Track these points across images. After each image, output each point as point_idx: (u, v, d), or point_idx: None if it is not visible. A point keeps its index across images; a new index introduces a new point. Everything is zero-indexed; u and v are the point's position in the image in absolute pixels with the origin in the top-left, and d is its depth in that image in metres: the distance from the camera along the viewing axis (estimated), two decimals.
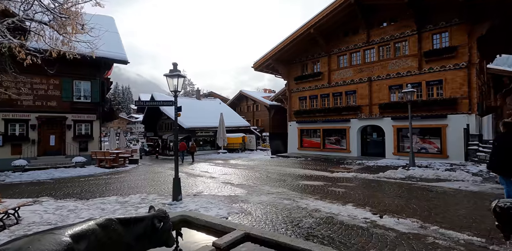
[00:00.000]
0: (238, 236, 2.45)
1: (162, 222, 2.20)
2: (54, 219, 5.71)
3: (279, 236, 2.48)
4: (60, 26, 5.63)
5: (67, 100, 16.50)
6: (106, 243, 1.68)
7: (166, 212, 2.32)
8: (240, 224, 2.90)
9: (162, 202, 6.94)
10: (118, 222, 1.91)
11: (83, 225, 1.70)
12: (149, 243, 2.11)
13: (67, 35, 5.88)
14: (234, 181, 10.18)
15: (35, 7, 6.32)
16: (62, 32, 5.57)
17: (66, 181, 11.52)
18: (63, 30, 5.76)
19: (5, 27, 5.05)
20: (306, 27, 17.85)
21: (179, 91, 6.89)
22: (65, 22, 5.49)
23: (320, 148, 19.94)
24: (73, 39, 6.01)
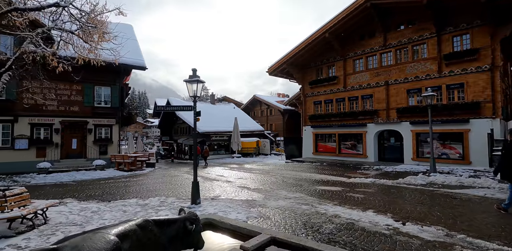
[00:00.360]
0: (264, 240, 2.47)
1: (193, 224, 2.25)
2: (79, 220, 5.91)
3: (306, 240, 2.48)
4: (87, 35, 5.90)
5: (88, 105, 17.12)
6: (146, 244, 1.75)
7: (197, 215, 2.38)
8: (265, 228, 2.91)
9: (181, 205, 7.03)
10: (153, 223, 1.98)
11: (125, 226, 1.77)
12: (181, 245, 2.16)
13: (93, 43, 6.15)
14: (251, 186, 10.19)
15: (63, 17, 6.68)
16: (89, 41, 5.84)
17: (87, 184, 11.88)
18: (90, 38, 6.03)
19: (39, 37, 5.37)
20: (321, 32, 17.84)
21: (198, 96, 7.03)
22: (92, 31, 5.75)
23: (336, 153, 19.67)
24: (98, 47, 6.28)
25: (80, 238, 1.42)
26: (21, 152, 15.30)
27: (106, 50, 6.75)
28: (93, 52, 6.14)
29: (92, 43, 6.04)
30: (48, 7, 5.57)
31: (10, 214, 5.04)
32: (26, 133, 15.51)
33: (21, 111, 15.39)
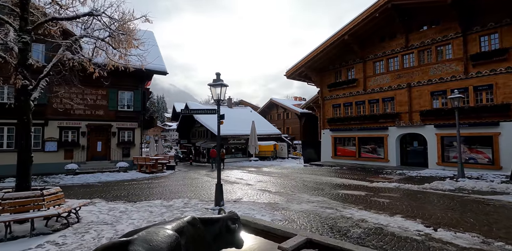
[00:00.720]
0: (301, 241, 2.47)
1: (235, 224, 2.30)
2: (109, 219, 6.11)
3: (343, 242, 2.46)
4: (118, 42, 6.16)
5: (112, 109, 17.76)
6: (196, 240, 1.81)
7: (238, 215, 2.42)
8: (300, 230, 2.92)
9: (205, 207, 7.13)
10: (199, 221, 2.04)
11: (179, 222, 1.84)
12: (223, 243, 2.21)
13: (123, 50, 6.40)
14: (271, 189, 10.17)
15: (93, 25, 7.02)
16: (120, 47, 6.10)
17: (112, 185, 12.27)
18: (120, 45, 6.29)
19: (77, 44, 5.68)
20: (340, 34, 17.69)
21: (222, 100, 7.15)
22: (122, 38, 6.01)
23: (356, 157, 19.28)
24: (127, 53, 6.53)
25: (145, 233, 1.49)
26: (51, 154, 16.05)
27: (133, 56, 7.02)
28: (123, 58, 6.39)
29: (122, 50, 6.29)
30: (83, 16, 5.89)
31: (47, 212, 5.29)
32: (55, 136, 16.28)
33: (51, 115, 16.20)
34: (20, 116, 5.76)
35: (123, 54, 6.30)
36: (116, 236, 4.94)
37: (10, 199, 5.09)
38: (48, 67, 5.94)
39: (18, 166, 5.75)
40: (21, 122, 5.77)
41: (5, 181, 13.10)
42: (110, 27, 6.32)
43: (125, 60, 6.52)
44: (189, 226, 1.86)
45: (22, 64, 5.69)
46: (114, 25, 6.41)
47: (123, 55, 6.32)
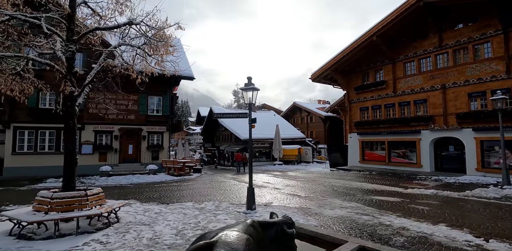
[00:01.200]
0: (354, 248, 2.38)
1: (291, 228, 2.27)
2: (146, 220, 6.29)
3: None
4: (155, 49, 6.40)
5: (143, 114, 18.48)
6: (259, 243, 1.80)
7: (292, 219, 2.39)
8: (351, 237, 2.83)
9: (237, 211, 7.14)
10: (258, 224, 2.04)
11: (244, 225, 1.85)
12: (279, 248, 2.18)
13: (159, 57, 6.62)
14: (300, 193, 10.01)
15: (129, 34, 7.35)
16: (157, 54, 6.32)
17: (143, 186, 12.68)
18: (157, 52, 6.53)
19: (121, 53, 6.00)
20: (368, 35, 17.25)
21: (253, 103, 7.19)
22: (159, 45, 6.23)
23: (385, 162, 18.54)
24: (164, 59, 6.75)
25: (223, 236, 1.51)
26: (87, 156, 16.95)
27: (167, 62, 7.26)
28: (159, 64, 6.62)
29: (159, 56, 6.52)
30: (123, 25, 6.20)
31: (91, 211, 5.55)
32: (91, 139, 17.19)
33: (87, 119, 17.16)
34: (67, 120, 6.13)
35: (160, 61, 6.52)
36: (155, 236, 5.07)
37: (58, 198, 5.40)
38: (92, 74, 6.29)
39: (65, 168, 6.10)
40: (67, 126, 6.14)
41: (47, 181, 13.94)
42: (147, 34, 6.56)
43: (161, 66, 6.75)
44: (253, 229, 1.85)
45: (69, 72, 6.08)
46: (150, 33, 6.67)
47: (159, 61, 6.55)
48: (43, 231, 5.42)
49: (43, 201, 5.48)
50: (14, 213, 5.38)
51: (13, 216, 5.22)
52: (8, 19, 5.94)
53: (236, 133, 29.22)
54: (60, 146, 16.51)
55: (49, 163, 16.03)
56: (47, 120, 16.11)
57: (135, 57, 6.15)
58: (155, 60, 6.87)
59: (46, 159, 16.06)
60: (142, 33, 6.62)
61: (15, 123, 15.49)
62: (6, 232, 5.38)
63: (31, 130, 15.89)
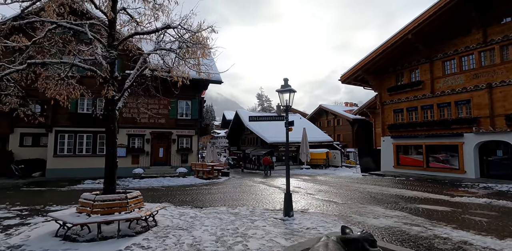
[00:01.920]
0: None
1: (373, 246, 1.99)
2: (183, 225, 6.21)
3: None
4: (191, 53, 6.34)
5: (172, 118, 18.86)
6: None
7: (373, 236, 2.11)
8: None
9: (273, 217, 6.88)
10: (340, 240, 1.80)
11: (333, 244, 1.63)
12: None
13: (196, 60, 6.55)
14: (336, 200, 9.54)
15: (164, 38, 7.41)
16: (194, 57, 6.27)
17: (174, 189, 12.80)
18: (194, 55, 6.48)
19: (163, 56, 6.05)
20: (402, 33, 16.39)
21: (290, 106, 6.94)
22: (195, 48, 6.18)
23: (423, 167, 17.39)
24: (199, 62, 6.68)
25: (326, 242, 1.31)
26: (120, 159, 17.23)
27: (202, 65, 7.22)
28: (196, 67, 6.58)
29: (195, 60, 6.45)
30: (161, 29, 6.25)
31: (132, 215, 5.56)
32: (124, 143, 17.79)
33: (121, 123, 17.73)
34: (108, 124, 6.24)
35: (197, 64, 6.47)
36: (196, 243, 4.94)
37: (100, 201, 5.47)
38: (131, 78, 6.38)
39: (106, 171, 6.19)
40: (108, 129, 6.25)
41: (85, 182, 14.54)
42: (183, 37, 6.51)
43: (197, 69, 6.71)
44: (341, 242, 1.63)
45: (111, 76, 6.20)
46: (187, 35, 6.62)
47: (196, 64, 6.51)
48: (86, 233, 5.50)
49: (86, 203, 5.57)
50: (60, 215, 5.51)
51: (59, 218, 5.34)
52: (55, 27, 6.19)
53: (263, 137, 29.04)
54: (97, 149, 17.25)
55: (86, 165, 16.78)
56: (85, 124, 16.91)
57: (174, 60, 6.14)
58: (191, 64, 6.83)
59: (83, 161, 16.83)
60: (179, 36, 6.61)
61: (57, 127, 16.41)
62: (52, 233, 5.52)
63: (71, 133, 16.76)
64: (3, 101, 6.76)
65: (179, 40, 6.62)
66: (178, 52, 6.48)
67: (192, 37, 6.54)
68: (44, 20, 5.71)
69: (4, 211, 7.80)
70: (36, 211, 7.92)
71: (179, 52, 6.62)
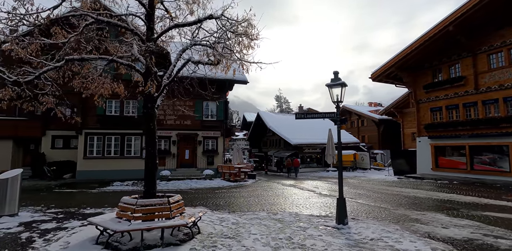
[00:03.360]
0: None
1: None
2: (227, 232, 5.67)
3: None
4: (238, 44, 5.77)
5: (198, 119, 18.57)
6: None
7: None
8: None
9: (324, 224, 6.20)
10: None
11: None
12: None
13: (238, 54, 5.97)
14: (384, 205, 8.71)
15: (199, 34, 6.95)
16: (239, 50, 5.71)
17: (204, 192, 12.37)
18: (236, 48, 5.93)
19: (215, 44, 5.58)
20: (441, 26, 15.24)
21: (341, 101, 6.27)
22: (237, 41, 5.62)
23: (467, 170, 16.02)
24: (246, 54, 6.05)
25: None
26: None
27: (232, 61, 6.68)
28: (237, 63, 6.02)
29: (237, 54, 5.88)
30: (204, 19, 5.80)
31: (176, 221, 5.08)
32: None
33: None
34: (147, 123, 5.85)
35: (242, 58, 5.88)
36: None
37: (142, 206, 5.03)
38: (170, 73, 5.95)
39: (146, 173, 5.79)
40: (147, 129, 5.85)
41: (113, 184, 14.45)
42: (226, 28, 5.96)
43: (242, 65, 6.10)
44: None
45: (150, 72, 5.81)
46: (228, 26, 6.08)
47: (240, 59, 5.93)
48: (127, 240, 5.08)
49: (127, 208, 5.16)
50: (100, 220, 5.12)
51: (100, 224, 4.95)
52: (92, 22, 5.89)
53: (286, 138, 28.31)
54: (124, 151, 17.24)
55: (114, 167, 16.79)
56: (113, 127, 16.98)
57: (223, 51, 5.59)
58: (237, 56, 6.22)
59: (111, 163, 16.85)
60: (221, 27, 6.09)
61: (86, 129, 16.54)
62: (92, 240, 5.15)
63: (99, 135, 16.84)
64: (40, 100, 6.54)
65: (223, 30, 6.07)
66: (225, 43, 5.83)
67: (236, 28, 5.99)
68: (85, 13, 5.38)
69: (40, 214, 7.62)
70: (71, 214, 7.69)
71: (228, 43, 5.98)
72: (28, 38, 5.68)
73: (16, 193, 7.34)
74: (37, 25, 5.37)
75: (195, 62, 5.60)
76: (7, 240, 5.33)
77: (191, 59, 5.66)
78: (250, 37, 5.68)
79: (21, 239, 5.33)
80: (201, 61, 5.59)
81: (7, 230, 5.97)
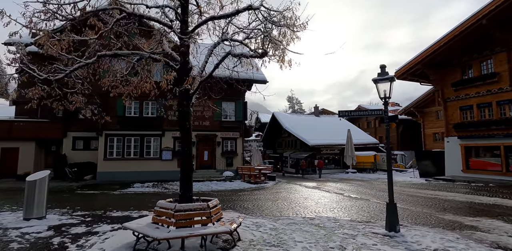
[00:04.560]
0: None
1: None
2: (269, 239, 5.24)
3: None
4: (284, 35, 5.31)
5: (217, 120, 18.29)
6: None
7: None
8: None
9: (373, 232, 5.68)
10: None
11: None
12: None
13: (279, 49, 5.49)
14: (426, 210, 8.10)
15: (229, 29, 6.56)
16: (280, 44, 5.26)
17: (227, 194, 12.00)
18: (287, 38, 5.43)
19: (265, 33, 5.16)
20: (474, 19, 14.42)
21: (389, 97, 5.77)
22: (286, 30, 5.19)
23: (502, 171, 15.08)
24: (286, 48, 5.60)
25: None
26: (167, 162, 17.24)
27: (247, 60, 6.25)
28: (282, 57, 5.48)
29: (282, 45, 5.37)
30: (243, 10, 5.42)
31: (218, 228, 4.69)
32: (170, 146, 17.49)
33: (167, 126, 17.54)
34: (183, 122, 5.52)
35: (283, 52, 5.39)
36: None
37: (181, 211, 4.66)
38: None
39: (182, 175, 5.45)
40: (183, 128, 5.52)
41: (134, 186, 14.25)
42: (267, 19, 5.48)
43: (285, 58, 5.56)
44: None
45: (185, 67, 5.48)
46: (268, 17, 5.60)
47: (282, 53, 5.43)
48: (165, 248, 4.72)
49: (164, 213, 4.80)
50: (137, 226, 4.78)
51: (138, 230, 4.61)
52: (123, 17, 5.61)
53: (304, 139, 27.72)
54: (144, 152, 17.11)
55: (134, 168, 16.67)
56: (132, 128, 16.87)
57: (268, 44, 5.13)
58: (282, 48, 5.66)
59: (131, 165, 16.74)
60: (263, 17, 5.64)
61: (107, 131, 16.48)
62: (128, 246, 4.82)
63: (119, 137, 16.76)
64: (69, 99, 6.31)
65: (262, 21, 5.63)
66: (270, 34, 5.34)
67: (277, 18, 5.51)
68: (118, 7, 5.09)
69: (67, 217, 7.40)
70: (98, 217, 7.43)
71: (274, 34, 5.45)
72: (58, 35, 5.46)
73: (43, 195, 7.14)
74: (70, 19, 5.13)
75: (236, 55, 5.20)
76: (39, 245, 5.07)
77: (231, 52, 5.27)
78: (293, 28, 5.24)
79: (54, 245, 5.06)
80: (244, 54, 5.18)
81: (37, 235, 5.73)
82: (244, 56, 5.23)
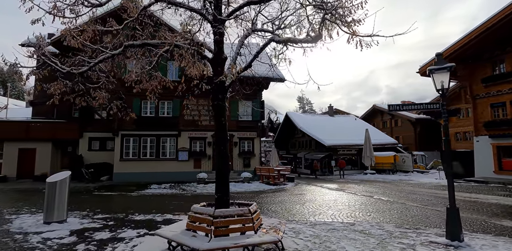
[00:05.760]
0: None
1: None
2: (316, 248, 4.66)
3: None
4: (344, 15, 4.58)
5: (234, 119, 17.78)
6: None
7: None
8: None
9: (431, 240, 5.03)
10: None
11: None
12: None
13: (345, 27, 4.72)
14: (475, 215, 7.37)
15: None
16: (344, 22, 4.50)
17: (248, 196, 11.49)
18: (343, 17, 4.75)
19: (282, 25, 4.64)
20: (508, 11, 13.52)
21: (447, 89, 5.12)
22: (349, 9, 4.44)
23: None
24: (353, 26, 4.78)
25: None
26: (183, 163, 16.83)
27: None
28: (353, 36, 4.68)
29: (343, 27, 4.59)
30: None
31: (264, 237, 4.13)
32: (186, 146, 17.08)
33: (183, 126, 17.15)
34: (218, 117, 4.99)
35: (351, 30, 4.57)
36: None
37: (221, 217, 4.13)
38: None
39: (217, 176, 4.93)
40: (218, 124, 4.99)
41: (151, 187, 13.86)
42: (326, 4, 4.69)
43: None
44: None
45: (219, 57, 4.97)
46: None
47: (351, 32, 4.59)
48: None
49: (201, 219, 4.28)
50: (172, 234, 4.26)
51: (174, 239, 4.10)
52: (151, 3, 5.15)
53: (319, 139, 26.96)
54: (160, 152, 16.75)
55: (150, 169, 16.33)
56: (148, 128, 16.55)
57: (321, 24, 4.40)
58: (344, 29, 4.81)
59: (147, 165, 16.40)
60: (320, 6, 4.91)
61: (123, 131, 16.20)
62: None
63: (135, 137, 16.45)
64: (92, 95, 5.89)
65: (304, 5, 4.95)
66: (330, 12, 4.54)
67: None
68: None
69: (89, 220, 6.99)
70: (121, 221, 6.99)
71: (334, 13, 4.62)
72: (82, 25, 5.03)
73: (64, 197, 6.75)
74: (97, 5, 4.69)
75: (281, 41, 4.62)
76: None
77: (274, 38, 4.71)
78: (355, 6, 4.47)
79: None
80: (292, 39, 4.60)
81: (60, 241, 5.30)
82: (293, 41, 4.63)
